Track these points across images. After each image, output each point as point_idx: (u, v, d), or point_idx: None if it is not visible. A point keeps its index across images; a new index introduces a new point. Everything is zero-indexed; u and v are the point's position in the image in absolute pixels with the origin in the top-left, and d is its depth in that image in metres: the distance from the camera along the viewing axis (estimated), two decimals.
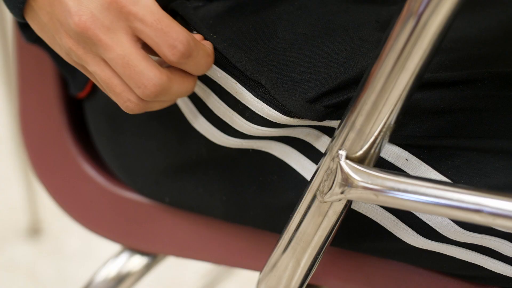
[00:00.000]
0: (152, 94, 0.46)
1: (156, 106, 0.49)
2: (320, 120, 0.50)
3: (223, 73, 0.51)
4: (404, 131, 0.51)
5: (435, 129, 0.51)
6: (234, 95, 0.51)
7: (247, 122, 0.52)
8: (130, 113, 0.49)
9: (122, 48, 0.45)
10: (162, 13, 0.45)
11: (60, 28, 0.47)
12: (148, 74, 0.46)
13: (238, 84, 0.51)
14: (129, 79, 0.46)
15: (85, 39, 0.45)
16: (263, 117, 0.51)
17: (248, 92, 0.51)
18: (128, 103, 0.48)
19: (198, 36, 0.51)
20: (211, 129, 0.55)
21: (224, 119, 0.53)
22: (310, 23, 0.52)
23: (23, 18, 0.49)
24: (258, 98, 0.50)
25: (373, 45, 0.51)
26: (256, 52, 0.51)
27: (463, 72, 0.50)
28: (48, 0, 0.46)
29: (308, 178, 0.55)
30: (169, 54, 0.45)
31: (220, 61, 0.51)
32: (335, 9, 0.53)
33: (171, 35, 0.45)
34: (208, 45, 0.50)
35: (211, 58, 0.48)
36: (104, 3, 0.44)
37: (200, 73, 0.49)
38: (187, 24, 0.52)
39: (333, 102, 0.49)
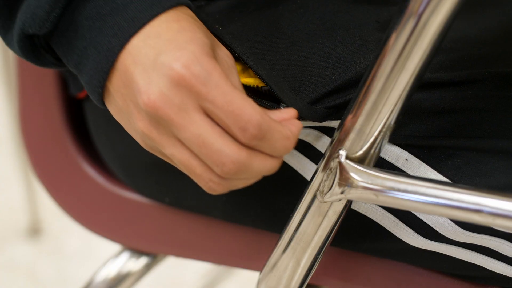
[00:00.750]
0: (231, 171, 0.44)
1: (239, 184, 0.47)
2: (321, 121, 0.50)
3: None
4: (404, 131, 0.51)
5: (435, 129, 0.51)
6: None
7: None
8: (214, 193, 0.46)
9: (197, 127, 0.43)
10: (234, 94, 0.43)
11: (134, 109, 0.45)
12: (226, 152, 0.43)
13: None
14: (207, 158, 0.44)
15: (157, 118, 0.43)
16: None
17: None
18: (210, 183, 0.45)
19: (283, 114, 0.47)
20: None
21: None
22: (311, 22, 0.52)
23: (103, 104, 0.48)
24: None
25: (373, 46, 0.51)
26: (260, 48, 0.50)
27: (463, 72, 0.50)
28: (122, 81, 0.45)
29: (308, 178, 0.55)
30: (240, 136, 0.43)
31: None
32: (336, 8, 0.53)
33: (242, 117, 0.43)
34: (292, 125, 0.46)
35: (290, 140, 0.45)
36: (172, 81, 0.42)
37: (278, 155, 0.45)
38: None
39: (334, 104, 0.50)
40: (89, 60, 0.46)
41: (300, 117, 0.50)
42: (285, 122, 0.46)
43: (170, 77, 0.42)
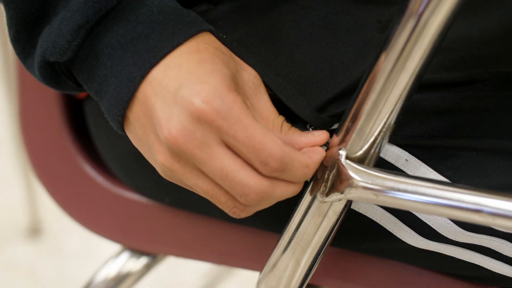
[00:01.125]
0: (254, 201, 0.45)
1: (262, 207, 0.48)
2: (327, 128, 0.50)
3: None
4: (404, 131, 0.51)
5: (435, 129, 0.51)
6: None
7: None
8: (238, 217, 0.48)
9: (219, 160, 0.44)
10: (255, 128, 0.43)
11: (154, 141, 0.45)
12: (249, 183, 0.44)
13: None
14: (230, 189, 0.45)
15: (179, 152, 0.44)
16: None
17: None
18: (234, 209, 0.47)
19: (316, 138, 0.48)
20: None
21: None
22: (313, 24, 0.52)
23: (123, 131, 0.48)
24: None
25: (375, 46, 0.51)
26: (265, 54, 0.50)
27: (463, 73, 0.50)
28: (143, 111, 0.45)
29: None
30: (262, 169, 0.44)
31: None
32: (337, 9, 0.53)
33: (263, 152, 0.43)
34: (314, 153, 0.47)
35: (309, 168, 0.46)
36: (193, 116, 0.42)
37: (297, 181, 0.47)
38: None
39: (338, 112, 0.49)
40: (110, 88, 0.45)
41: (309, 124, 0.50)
42: (307, 149, 0.47)
43: (191, 112, 0.42)
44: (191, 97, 0.42)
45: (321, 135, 0.48)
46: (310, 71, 0.50)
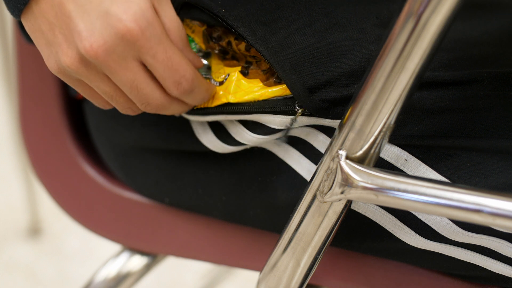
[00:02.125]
0: (152, 110, 0.49)
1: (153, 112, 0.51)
2: (313, 113, 0.50)
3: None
4: (403, 131, 0.51)
5: (434, 129, 0.51)
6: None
7: (252, 134, 0.53)
8: (126, 114, 0.51)
9: (132, 73, 0.46)
10: (173, 50, 0.46)
11: (63, 43, 0.46)
12: (153, 95, 0.48)
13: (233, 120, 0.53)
14: (135, 98, 0.48)
15: (94, 62, 0.45)
16: (265, 126, 0.52)
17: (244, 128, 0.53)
18: (128, 110, 0.50)
19: (192, 57, 0.51)
20: (216, 142, 0.55)
21: (230, 132, 0.54)
22: (314, 11, 0.52)
23: (19, 17, 0.48)
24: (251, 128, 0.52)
25: (374, 40, 0.51)
26: (263, 32, 0.51)
27: (463, 72, 0.50)
28: (55, 11, 0.45)
29: (308, 178, 0.55)
30: (173, 89, 0.47)
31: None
32: (337, 2, 0.53)
33: (178, 73, 0.46)
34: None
35: (208, 93, 0.51)
36: (118, 33, 0.44)
37: (194, 104, 0.51)
38: (197, 8, 0.52)
39: (330, 98, 0.49)
40: None
41: (298, 103, 0.50)
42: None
43: (116, 29, 0.44)
44: (119, 15, 0.44)
45: (199, 60, 0.51)
46: (308, 50, 0.50)
